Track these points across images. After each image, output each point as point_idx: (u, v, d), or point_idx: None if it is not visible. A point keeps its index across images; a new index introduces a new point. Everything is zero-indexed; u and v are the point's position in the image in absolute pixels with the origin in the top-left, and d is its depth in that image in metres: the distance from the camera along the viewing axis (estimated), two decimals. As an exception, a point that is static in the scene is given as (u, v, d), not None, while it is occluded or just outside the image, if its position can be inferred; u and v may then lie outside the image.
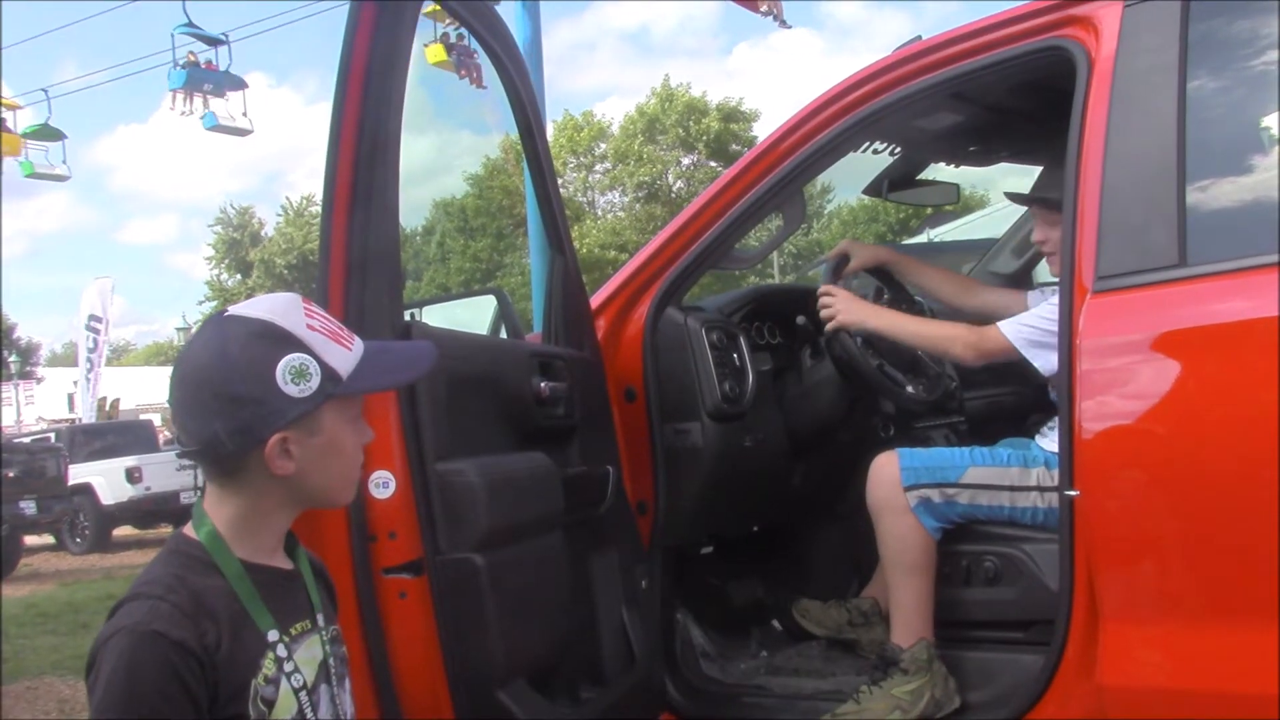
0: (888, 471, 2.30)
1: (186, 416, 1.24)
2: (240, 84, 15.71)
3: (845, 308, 2.48)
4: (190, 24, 14.78)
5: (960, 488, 2.27)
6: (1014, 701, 2.05)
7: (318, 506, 1.42)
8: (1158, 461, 1.83)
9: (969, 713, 2.21)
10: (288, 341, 1.24)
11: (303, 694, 1.29)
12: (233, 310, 1.28)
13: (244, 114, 15.92)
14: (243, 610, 1.24)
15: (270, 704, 1.24)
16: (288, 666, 1.27)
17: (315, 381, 1.24)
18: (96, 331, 18.58)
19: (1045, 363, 2.17)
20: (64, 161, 17.24)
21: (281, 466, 1.24)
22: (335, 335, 1.29)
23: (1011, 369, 2.37)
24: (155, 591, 1.19)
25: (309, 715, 1.29)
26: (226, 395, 1.21)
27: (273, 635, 1.27)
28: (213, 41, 15.24)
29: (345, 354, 1.29)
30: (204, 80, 15.28)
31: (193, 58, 15.17)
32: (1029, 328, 2.23)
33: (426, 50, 8.82)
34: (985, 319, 2.52)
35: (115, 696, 1.14)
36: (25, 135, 16.72)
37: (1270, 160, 1.84)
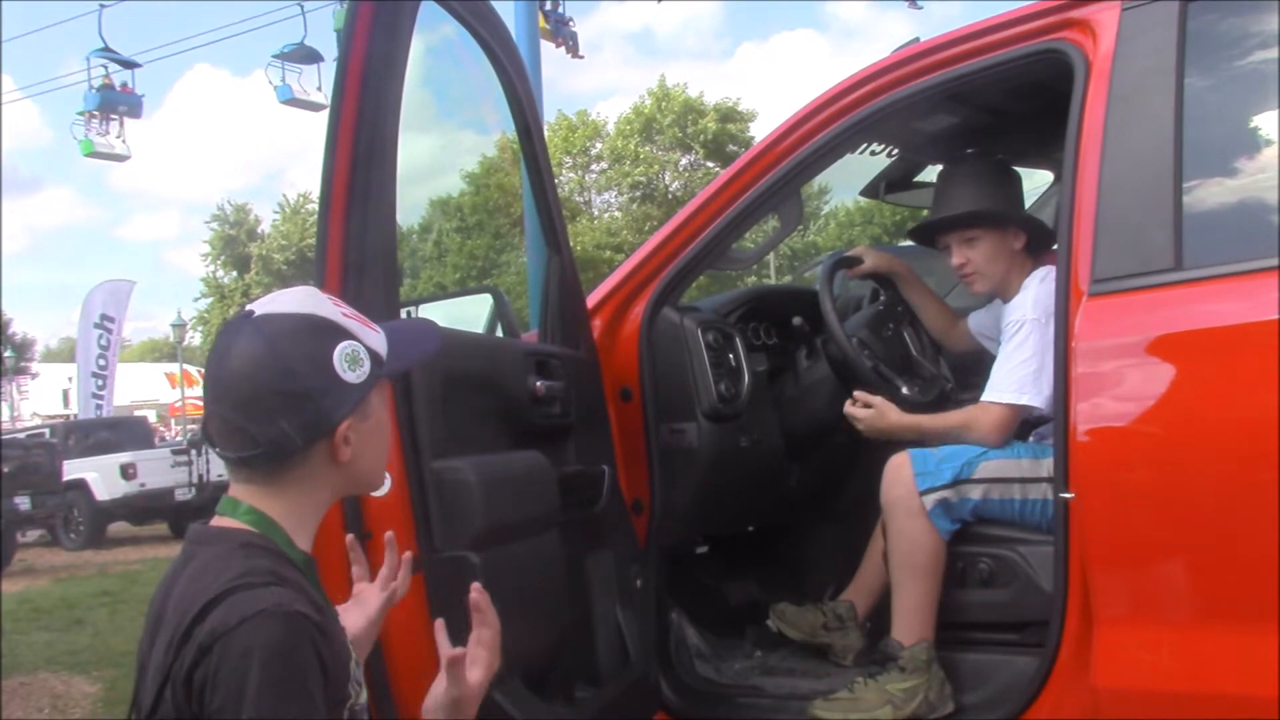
0: (903, 472, 2.28)
1: (246, 421, 1.22)
2: (317, 57, 15.72)
3: (870, 421, 2.42)
4: (106, 48, 14.95)
5: (974, 483, 2.26)
6: (1008, 703, 2.05)
7: (360, 491, 1.46)
8: (1153, 464, 1.83)
9: (963, 714, 2.21)
10: (334, 331, 1.26)
11: (362, 675, 1.33)
12: (259, 310, 1.26)
13: (318, 88, 15.87)
14: (322, 597, 1.25)
15: (360, 686, 1.27)
16: (354, 651, 1.30)
17: (367, 366, 1.27)
18: (109, 330, 18.31)
19: (1042, 397, 2.23)
20: (122, 140, 17.09)
21: (344, 453, 1.26)
22: (363, 320, 1.32)
23: None
24: (265, 579, 1.15)
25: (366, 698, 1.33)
26: (289, 391, 1.21)
27: (342, 620, 1.30)
28: (127, 64, 15.36)
29: (378, 337, 1.32)
30: (118, 102, 15.41)
31: (108, 81, 15.25)
32: (1013, 381, 2.27)
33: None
34: (968, 355, 2.69)
35: (273, 680, 1.08)
36: (83, 114, 16.62)
37: (1267, 163, 1.84)
